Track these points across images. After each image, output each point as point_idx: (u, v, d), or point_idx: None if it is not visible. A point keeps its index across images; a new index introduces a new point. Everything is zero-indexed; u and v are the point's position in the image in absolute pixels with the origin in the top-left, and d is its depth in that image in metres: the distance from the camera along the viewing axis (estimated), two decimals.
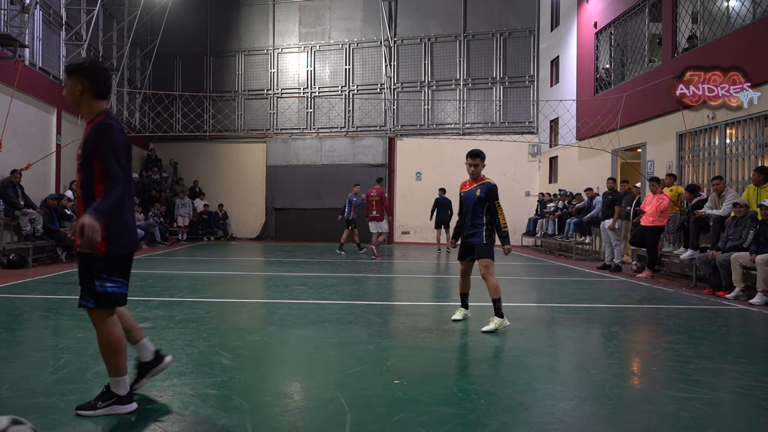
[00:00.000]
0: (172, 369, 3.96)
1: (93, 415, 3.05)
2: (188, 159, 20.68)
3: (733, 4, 10.45)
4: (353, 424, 3.03)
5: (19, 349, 4.70)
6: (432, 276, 10.63)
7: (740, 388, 3.83)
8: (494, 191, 5.55)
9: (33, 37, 13.21)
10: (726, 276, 8.03)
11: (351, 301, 7.12)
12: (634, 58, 13.52)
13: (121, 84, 18.38)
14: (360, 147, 19.72)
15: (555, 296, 8.00)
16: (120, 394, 3.11)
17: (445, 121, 19.63)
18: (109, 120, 3.07)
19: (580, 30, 15.76)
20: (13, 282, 8.36)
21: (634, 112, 12.45)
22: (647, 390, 3.79)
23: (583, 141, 14.82)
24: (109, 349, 3.11)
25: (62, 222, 11.79)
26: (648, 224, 10.16)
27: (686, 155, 11.26)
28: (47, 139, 13.50)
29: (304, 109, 20.39)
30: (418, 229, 19.49)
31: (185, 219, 18.57)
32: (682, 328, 5.87)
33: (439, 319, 6.14)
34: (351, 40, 20.24)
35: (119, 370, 3.11)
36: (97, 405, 3.08)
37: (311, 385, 3.75)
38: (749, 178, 9.31)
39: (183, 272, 10.11)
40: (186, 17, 20.07)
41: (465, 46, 19.56)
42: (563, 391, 3.72)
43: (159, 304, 6.63)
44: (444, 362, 4.35)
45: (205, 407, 3.23)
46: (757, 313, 6.82)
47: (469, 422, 3.09)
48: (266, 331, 5.41)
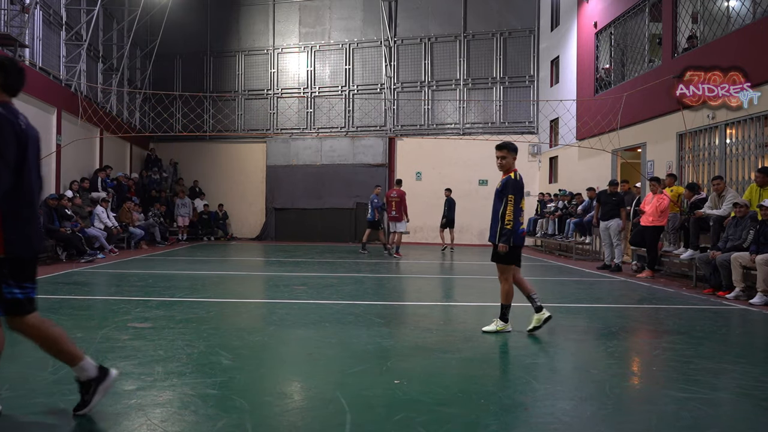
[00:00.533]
0: (172, 369, 3.96)
1: (90, 408, 3.02)
2: (188, 159, 20.67)
3: (733, 4, 10.45)
4: (353, 424, 3.02)
5: (19, 349, 4.70)
6: (432, 276, 10.63)
7: (740, 388, 3.83)
8: (509, 184, 5.18)
9: (33, 37, 13.20)
10: (726, 276, 8.03)
11: (351, 301, 7.11)
12: (634, 58, 13.52)
13: (121, 84, 18.39)
14: (360, 147, 19.72)
15: (555, 296, 8.00)
16: (92, 375, 3.03)
17: (445, 121, 19.63)
18: (1, 109, 2.83)
19: (580, 30, 15.75)
20: None
21: (634, 112, 12.45)
22: (647, 390, 3.79)
23: (583, 141, 14.82)
24: (50, 346, 2.98)
25: (62, 222, 11.79)
26: (648, 224, 10.16)
27: (686, 155, 11.26)
28: (47, 139, 13.48)
29: (304, 109, 20.39)
30: (418, 229, 19.49)
31: (185, 219, 18.57)
32: (682, 328, 5.87)
33: (439, 319, 6.14)
34: (351, 40, 20.24)
35: (73, 357, 3.01)
36: (87, 399, 3.03)
37: (311, 385, 3.75)
38: (749, 178, 9.31)
39: (183, 272, 10.11)
40: (186, 17, 20.07)
41: (465, 46, 19.56)
42: (563, 391, 3.72)
43: (159, 304, 6.63)
44: (444, 362, 4.35)
45: (205, 407, 3.23)
46: (757, 313, 6.81)
47: (469, 422, 3.09)
48: (266, 331, 5.41)
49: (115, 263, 11.28)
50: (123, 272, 9.89)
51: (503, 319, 5.34)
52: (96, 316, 5.95)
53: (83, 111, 13.97)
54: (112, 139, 16.87)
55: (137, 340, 4.79)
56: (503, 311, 5.34)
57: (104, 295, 7.74)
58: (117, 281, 9.00)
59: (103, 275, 9.63)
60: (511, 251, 5.20)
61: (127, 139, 17.84)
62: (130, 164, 18.86)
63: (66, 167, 14.23)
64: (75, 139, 14.23)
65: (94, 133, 15.87)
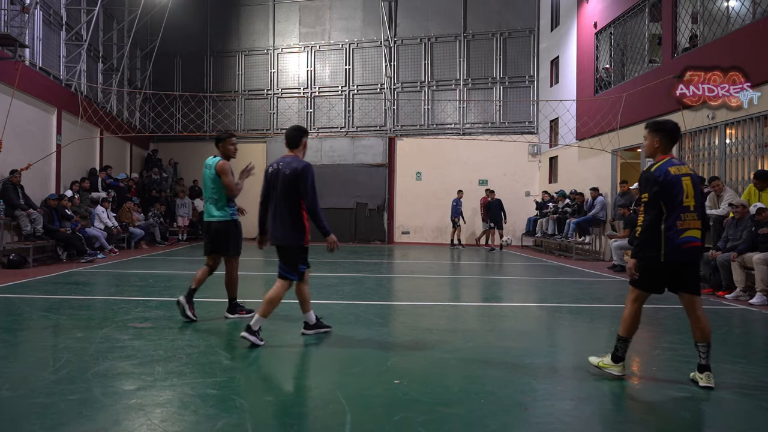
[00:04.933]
0: (172, 369, 3.96)
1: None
2: (188, 159, 20.65)
3: (733, 4, 10.44)
4: (353, 424, 3.03)
5: (19, 349, 4.70)
6: (432, 276, 10.62)
7: (740, 388, 3.83)
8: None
9: (33, 37, 13.20)
10: (726, 276, 8.03)
11: (351, 301, 7.11)
12: (634, 58, 13.52)
13: (121, 84, 18.39)
14: (360, 147, 19.72)
15: (555, 296, 8.00)
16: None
17: (445, 121, 19.62)
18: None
19: (580, 30, 15.75)
20: (13, 282, 8.35)
21: (634, 112, 12.45)
22: (647, 390, 3.79)
23: (583, 141, 14.82)
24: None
25: (62, 222, 11.79)
26: None
27: (686, 155, 11.26)
28: (47, 139, 13.49)
29: (304, 109, 20.39)
30: (418, 229, 19.50)
31: (185, 219, 18.57)
32: (682, 328, 5.86)
33: (439, 319, 6.14)
34: (351, 40, 20.24)
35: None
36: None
37: (311, 385, 3.75)
38: (749, 178, 9.30)
39: (183, 272, 10.10)
40: (186, 17, 20.06)
41: (465, 46, 19.55)
42: (563, 391, 3.72)
43: (159, 304, 6.63)
44: (444, 362, 4.35)
45: (205, 407, 3.23)
46: (757, 313, 6.82)
47: (469, 422, 3.09)
48: (266, 331, 5.40)
49: (115, 263, 11.28)
50: (123, 272, 9.89)
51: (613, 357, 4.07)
52: (96, 316, 5.95)
53: (83, 111, 13.97)
54: (112, 139, 16.87)
55: (137, 340, 4.79)
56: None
57: (104, 295, 7.73)
58: (117, 281, 9.00)
59: (103, 275, 9.63)
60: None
61: (127, 139, 17.83)
62: (130, 164, 18.86)
63: (66, 167, 14.22)
64: (75, 139, 14.23)
65: (94, 133, 15.87)
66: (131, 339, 4.81)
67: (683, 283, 3.89)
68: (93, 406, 3.22)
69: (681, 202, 3.80)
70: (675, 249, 3.77)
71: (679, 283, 3.90)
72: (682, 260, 3.82)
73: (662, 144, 3.98)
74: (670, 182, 3.80)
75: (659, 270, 3.88)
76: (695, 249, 3.83)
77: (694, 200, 3.82)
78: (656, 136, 3.99)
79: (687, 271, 3.87)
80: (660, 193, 3.79)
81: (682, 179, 3.83)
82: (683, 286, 3.89)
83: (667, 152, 4.00)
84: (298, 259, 4.93)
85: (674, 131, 3.99)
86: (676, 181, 3.81)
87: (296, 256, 4.91)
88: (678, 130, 4.04)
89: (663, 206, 3.81)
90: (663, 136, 3.97)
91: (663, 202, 3.80)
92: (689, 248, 3.80)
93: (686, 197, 3.81)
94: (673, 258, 3.79)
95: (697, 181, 3.94)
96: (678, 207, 3.80)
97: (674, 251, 3.78)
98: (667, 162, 3.90)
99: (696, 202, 3.84)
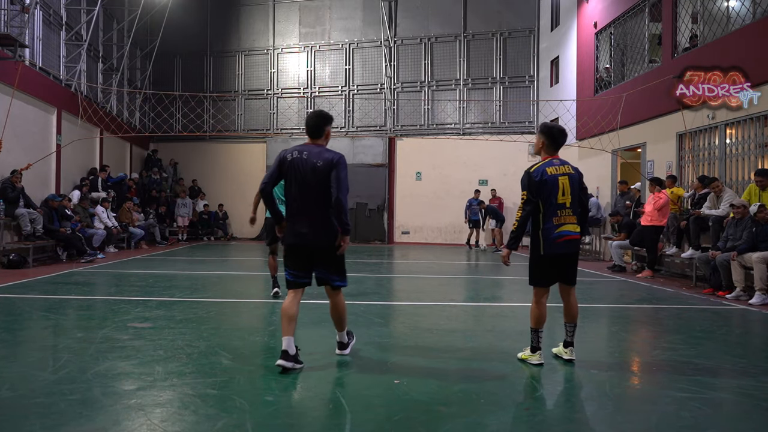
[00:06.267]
0: (172, 369, 3.96)
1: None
2: (188, 159, 20.66)
3: (733, 4, 10.44)
4: (353, 424, 3.03)
5: (19, 349, 4.71)
6: (432, 276, 10.62)
7: (740, 388, 3.83)
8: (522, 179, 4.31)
9: (33, 37, 13.19)
10: (726, 276, 8.03)
11: (351, 301, 7.09)
12: (634, 58, 13.52)
13: (121, 84, 18.38)
14: (360, 147, 19.71)
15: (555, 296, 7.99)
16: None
17: (445, 121, 19.62)
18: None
19: (580, 30, 15.75)
20: (13, 282, 8.35)
21: (634, 112, 12.45)
22: (647, 390, 3.79)
23: (583, 141, 14.82)
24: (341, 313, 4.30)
25: (62, 222, 11.79)
26: (647, 224, 10.16)
27: (686, 155, 11.26)
28: (47, 139, 13.49)
29: (304, 109, 20.37)
30: (417, 229, 19.49)
31: (185, 219, 18.57)
32: (682, 328, 5.87)
33: (439, 319, 6.13)
34: (351, 40, 20.23)
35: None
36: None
37: (311, 385, 3.75)
38: (749, 178, 9.31)
39: (183, 272, 10.10)
40: (186, 17, 20.06)
41: (465, 46, 19.55)
42: (563, 391, 3.72)
43: (159, 304, 6.63)
44: (444, 362, 4.35)
45: (205, 407, 3.23)
46: (757, 313, 6.82)
47: (469, 422, 3.09)
48: (266, 331, 5.41)
49: (115, 263, 11.28)
50: (123, 272, 9.89)
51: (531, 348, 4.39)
52: (96, 316, 5.95)
53: (83, 111, 13.96)
54: (112, 139, 16.87)
55: (137, 340, 4.79)
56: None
57: (104, 295, 7.73)
58: (117, 281, 9.00)
59: (103, 275, 9.63)
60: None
61: (127, 139, 17.83)
62: (130, 164, 18.85)
63: (66, 167, 14.22)
64: (75, 139, 14.22)
65: (94, 133, 15.86)
66: (131, 339, 4.81)
67: (563, 275, 4.30)
68: (93, 406, 3.22)
69: (557, 200, 4.14)
70: (551, 243, 4.16)
71: (561, 274, 4.29)
72: (558, 252, 4.18)
73: (546, 145, 4.30)
74: (545, 181, 4.13)
75: (545, 264, 4.24)
76: (570, 242, 4.20)
77: (570, 197, 4.18)
78: (542, 137, 4.32)
79: (566, 263, 4.26)
80: (534, 192, 4.15)
81: (559, 179, 4.16)
82: (563, 277, 4.31)
83: (551, 153, 4.31)
84: (344, 259, 4.37)
85: (558, 136, 4.29)
86: (551, 180, 4.13)
87: (343, 256, 4.33)
88: (562, 136, 4.33)
89: (540, 204, 4.16)
90: (547, 137, 4.29)
91: (540, 200, 4.15)
92: (563, 242, 4.17)
93: (562, 195, 4.15)
94: (550, 251, 4.17)
95: (576, 179, 4.26)
96: (554, 204, 4.15)
97: (551, 245, 4.16)
98: (547, 162, 4.23)
99: (572, 198, 4.20)
